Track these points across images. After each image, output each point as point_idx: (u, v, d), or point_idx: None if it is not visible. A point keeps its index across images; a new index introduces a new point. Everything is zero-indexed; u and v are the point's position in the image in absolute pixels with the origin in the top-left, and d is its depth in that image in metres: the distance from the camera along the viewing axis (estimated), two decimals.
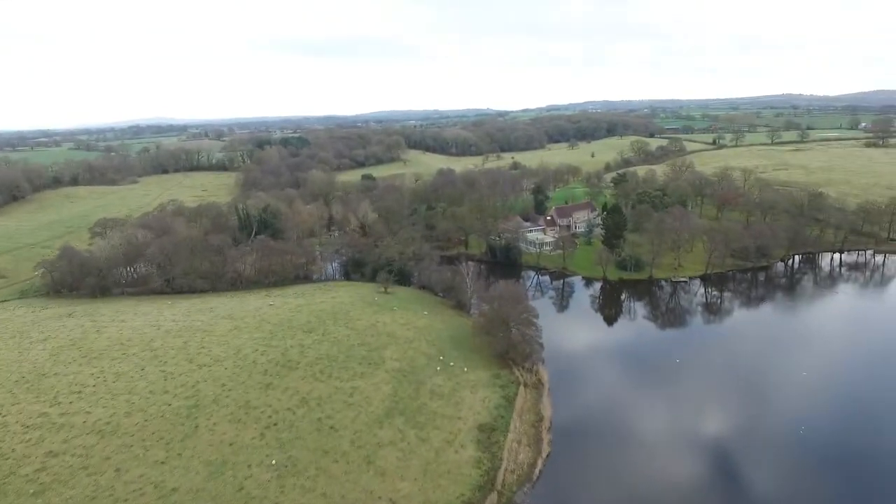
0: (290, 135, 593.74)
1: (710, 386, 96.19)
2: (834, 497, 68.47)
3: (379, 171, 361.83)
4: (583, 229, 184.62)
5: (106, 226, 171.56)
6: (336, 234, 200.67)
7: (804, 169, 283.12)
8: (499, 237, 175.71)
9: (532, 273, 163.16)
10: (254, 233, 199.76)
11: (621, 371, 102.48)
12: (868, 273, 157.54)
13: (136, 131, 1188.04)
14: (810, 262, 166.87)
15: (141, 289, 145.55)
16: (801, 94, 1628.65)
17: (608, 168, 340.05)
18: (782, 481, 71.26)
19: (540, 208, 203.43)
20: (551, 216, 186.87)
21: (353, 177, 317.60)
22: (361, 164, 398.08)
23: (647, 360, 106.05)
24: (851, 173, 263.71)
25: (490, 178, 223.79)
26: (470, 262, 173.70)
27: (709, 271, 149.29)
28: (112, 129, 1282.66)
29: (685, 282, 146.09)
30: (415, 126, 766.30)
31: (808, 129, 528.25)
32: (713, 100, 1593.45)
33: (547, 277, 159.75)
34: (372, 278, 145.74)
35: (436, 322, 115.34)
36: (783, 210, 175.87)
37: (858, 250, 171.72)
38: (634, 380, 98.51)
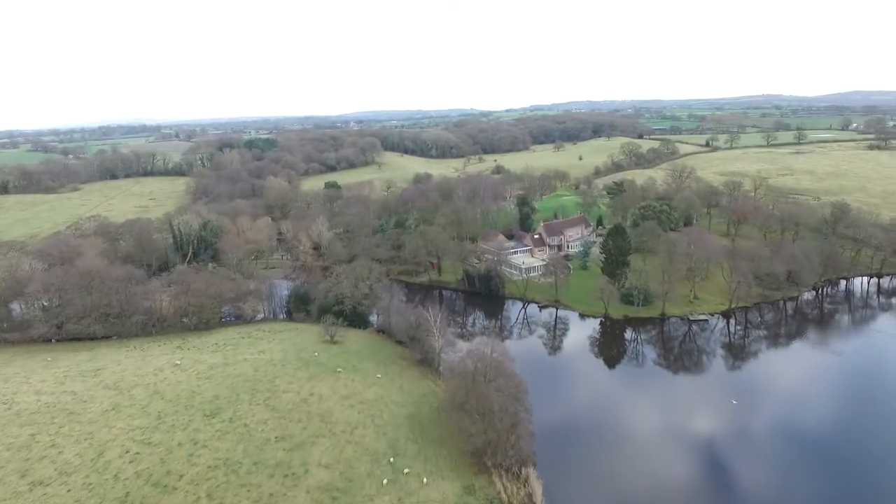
0: (260, 136, 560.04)
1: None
2: None
3: (350, 177, 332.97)
4: (576, 249, 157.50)
5: None
6: (286, 256, 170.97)
7: (811, 174, 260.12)
8: (478, 260, 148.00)
9: (517, 304, 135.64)
10: (189, 255, 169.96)
11: (646, 467, 74.77)
12: None
13: (106, 132, 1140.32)
14: (843, 289, 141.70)
15: (24, 336, 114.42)
16: (780, 95, 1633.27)
17: (598, 172, 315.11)
18: None
19: (525, 223, 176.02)
20: (539, 234, 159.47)
21: (321, 183, 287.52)
22: (332, 169, 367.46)
23: (681, 447, 78.75)
24: (864, 179, 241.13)
25: (469, 188, 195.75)
26: (443, 292, 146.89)
27: (733, 305, 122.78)
28: (81, 130, 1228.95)
29: (705, 320, 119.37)
30: (394, 127, 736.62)
31: (798, 129, 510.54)
32: (695, 100, 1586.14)
33: (535, 308, 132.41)
34: (319, 318, 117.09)
35: (391, 391, 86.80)
36: (811, 227, 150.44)
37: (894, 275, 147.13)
38: (667, 483, 70.91)
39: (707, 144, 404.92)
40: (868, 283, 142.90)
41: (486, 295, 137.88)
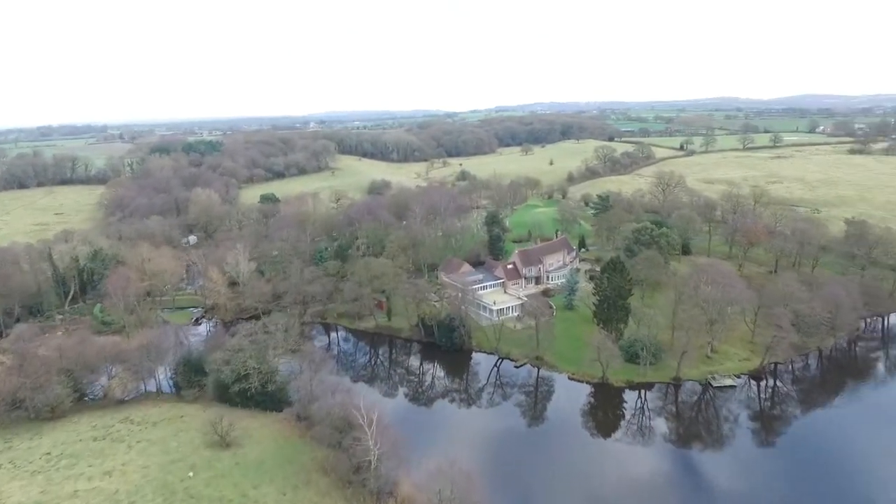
0: (205, 138, 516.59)
1: None
2: None
3: (300, 184, 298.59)
4: (558, 281, 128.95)
5: None
6: (200, 291, 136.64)
7: (802, 182, 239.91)
8: (437, 298, 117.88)
9: (488, 359, 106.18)
10: (72, 294, 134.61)
11: None
12: None
13: (45, 132, 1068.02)
14: (882, 330, 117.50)
15: None
16: (737, 98, 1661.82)
17: (571, 179, 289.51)
18: None
19: (496, 247, 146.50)
20: (513, 263, 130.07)
21: (265, 192, 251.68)
22: (280, 175, 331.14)
23: None
24: (861, 188, 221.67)
25: (428, 202, 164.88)
26: (394, 342, 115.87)
27: (766, 361, 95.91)
28: (19, 131, 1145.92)
29: (732, 386, 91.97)
30: (355, 128, 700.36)
31: (767, 131, 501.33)
32: (658, 102, 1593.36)
33: (510, 365, 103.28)
34: (217, 396, 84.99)
35: None
36: (843, 252, 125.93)
37: None
38: None
39: (682, 148, 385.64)
40: None
41: (447, 348, 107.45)
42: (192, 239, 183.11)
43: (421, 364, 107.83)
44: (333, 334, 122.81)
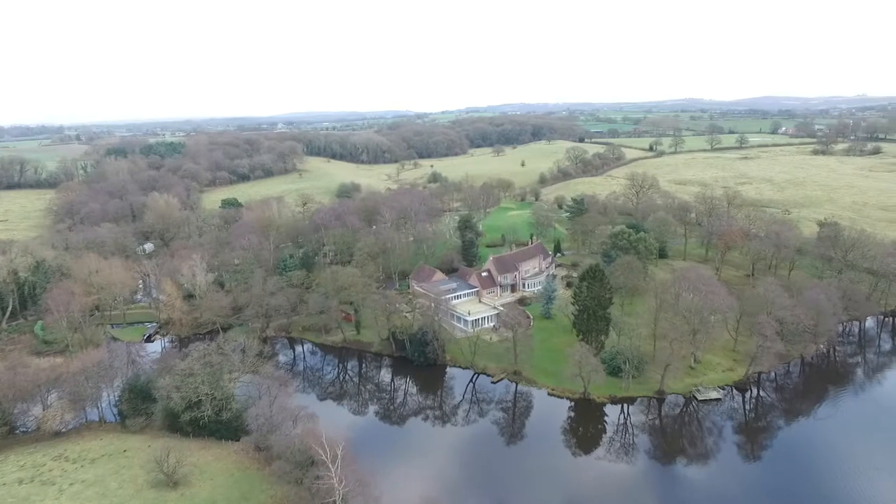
0: (167, 139, 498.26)
1: None
2: None
3: (266, 187, 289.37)
4: (535, 289, 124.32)
5: None
6: (154, 304, 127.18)
7: (770, 183, 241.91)
8: (409, 308, 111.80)
9: (463, 373, 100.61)
10: (10, 311, 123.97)
11: None
12: None
13: None
14: (859, 334, 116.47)
15: None
16: (701, 99, 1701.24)
17: (543, 181, 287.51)
18: None
19: (469, 253, 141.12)
20: (488, 271, 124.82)
21: (228, 196, 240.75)
22: (245, 178, 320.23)
23: None
24: (828, 189, 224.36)
25: (398, 206, 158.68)
26: (363, 357, 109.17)
27: (751, 371, 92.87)
28: None
29: (717, 399, 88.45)
30: (323, 129, 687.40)
31: (731, 132, 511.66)
32: (625, 103, 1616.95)
33: (486, 380, 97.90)
34: (166, 426, 77.19)
35: None
36: (819, 255, 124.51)
37: None
38: None
39: (651, 149, 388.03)
40: (881, 324, 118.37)
41: (420, 364, 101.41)
42: (148, 247, 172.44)
43: (392, 380, 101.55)
44: (298, 349, 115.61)
